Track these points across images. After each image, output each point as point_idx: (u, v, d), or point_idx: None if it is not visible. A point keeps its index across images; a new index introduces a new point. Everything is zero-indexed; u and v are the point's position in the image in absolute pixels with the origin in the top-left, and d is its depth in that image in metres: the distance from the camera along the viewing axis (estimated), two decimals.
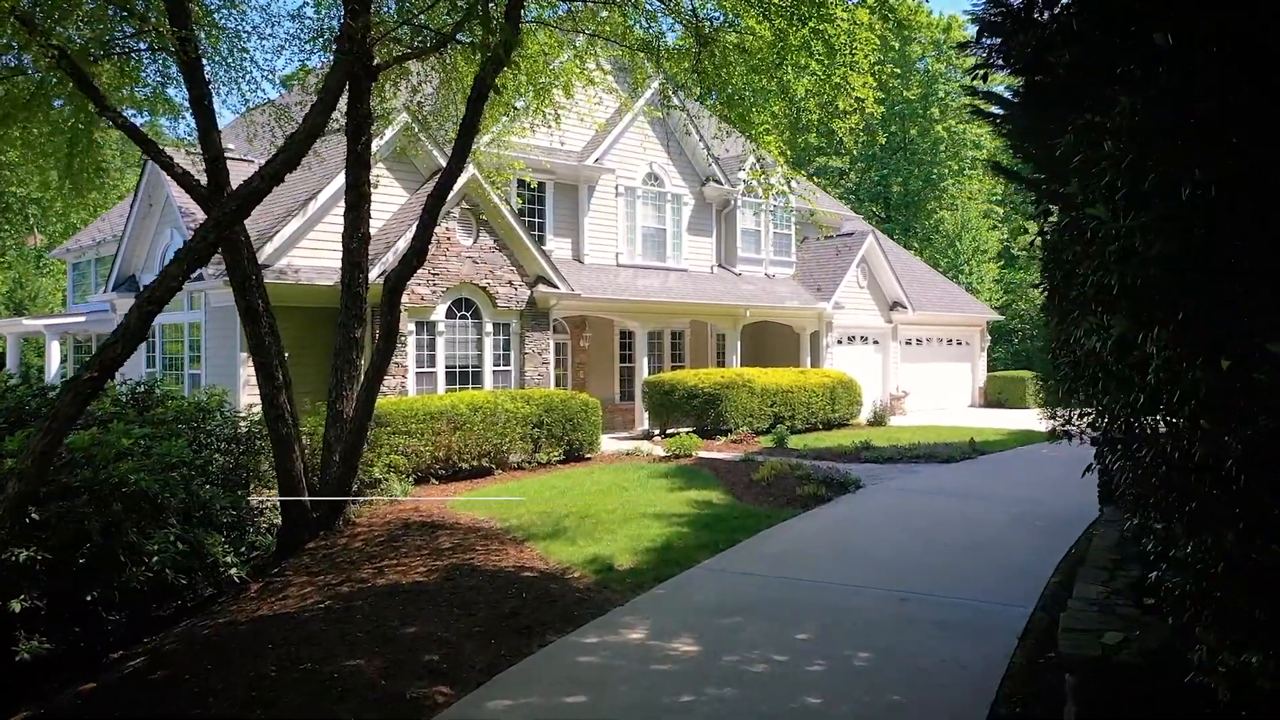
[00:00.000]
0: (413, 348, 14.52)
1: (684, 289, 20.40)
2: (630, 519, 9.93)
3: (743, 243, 22.99)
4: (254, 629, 6.96)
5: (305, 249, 14.05)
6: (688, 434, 16.57)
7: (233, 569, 8.19)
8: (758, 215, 23.16)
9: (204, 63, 10.35)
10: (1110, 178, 2.78)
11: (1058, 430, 4.70)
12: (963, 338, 28.97)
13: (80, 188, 9.91)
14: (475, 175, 14.62)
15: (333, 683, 5.58)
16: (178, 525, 7.96)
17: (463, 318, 15.30)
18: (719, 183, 21.84)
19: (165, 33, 6.88)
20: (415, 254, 9.15)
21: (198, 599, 8.48)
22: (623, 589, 7.39)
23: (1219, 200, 2.45)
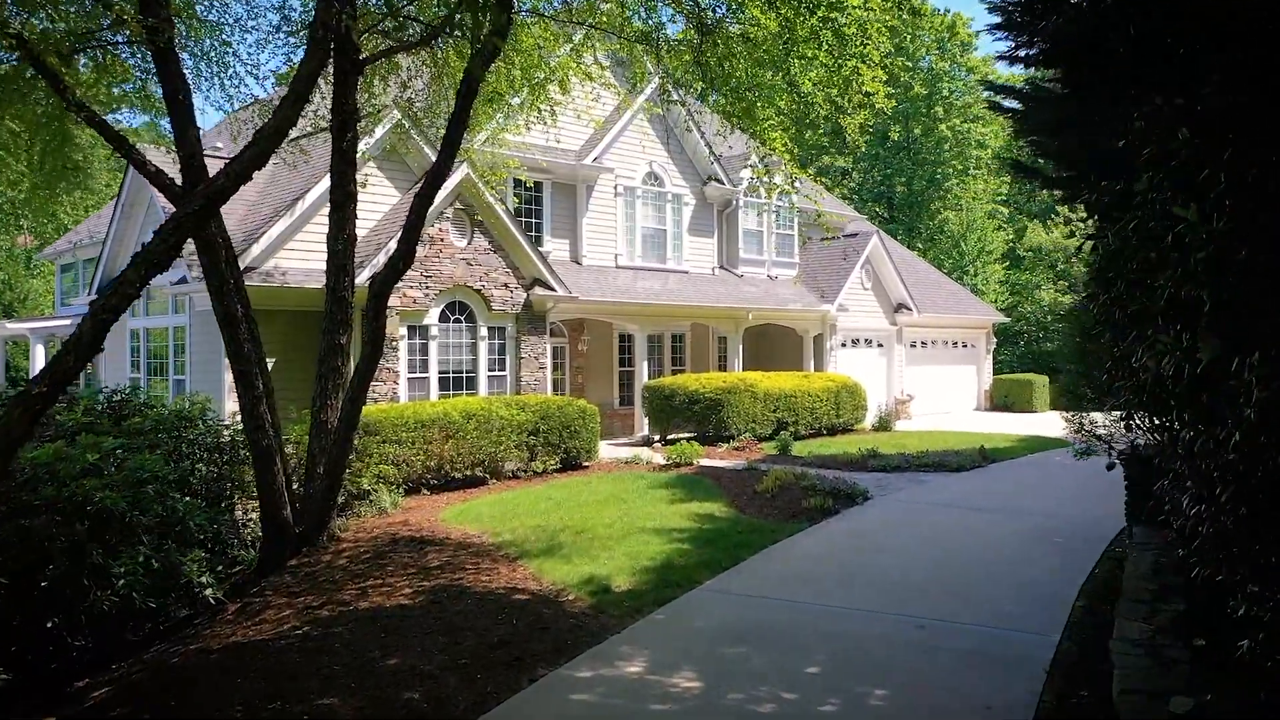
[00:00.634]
0: (404, 353, 14.07)
1: (685, 291, 19.94)
2: (629, 534, 9.48)
3: (745, 244, 22.52)
4: (225, 659, 6.52)
5: (294, 250, 13.60)
6: (688, 440, 16.12)
7: (208, 589, 7.76)
8: (760, 216, 22.68)
9: (184, 57, 9.93)
10: (1191, 173, 2.33)
11: (1110, 457, 4.23)
12: (968, 340, 28.48)
13: (52, 183, 9.45)
14: (469, 175, 14.18)
15: None
16: (150, 544, 7.52)
17: (456, 321, 14.84)
18: (721, 182, 21.38)
19: (130, 20, 6.41)
20: (401, 257, 8.71)
21: (173, 620, 8.06)
22: (620, 614, 6.94)
23: None
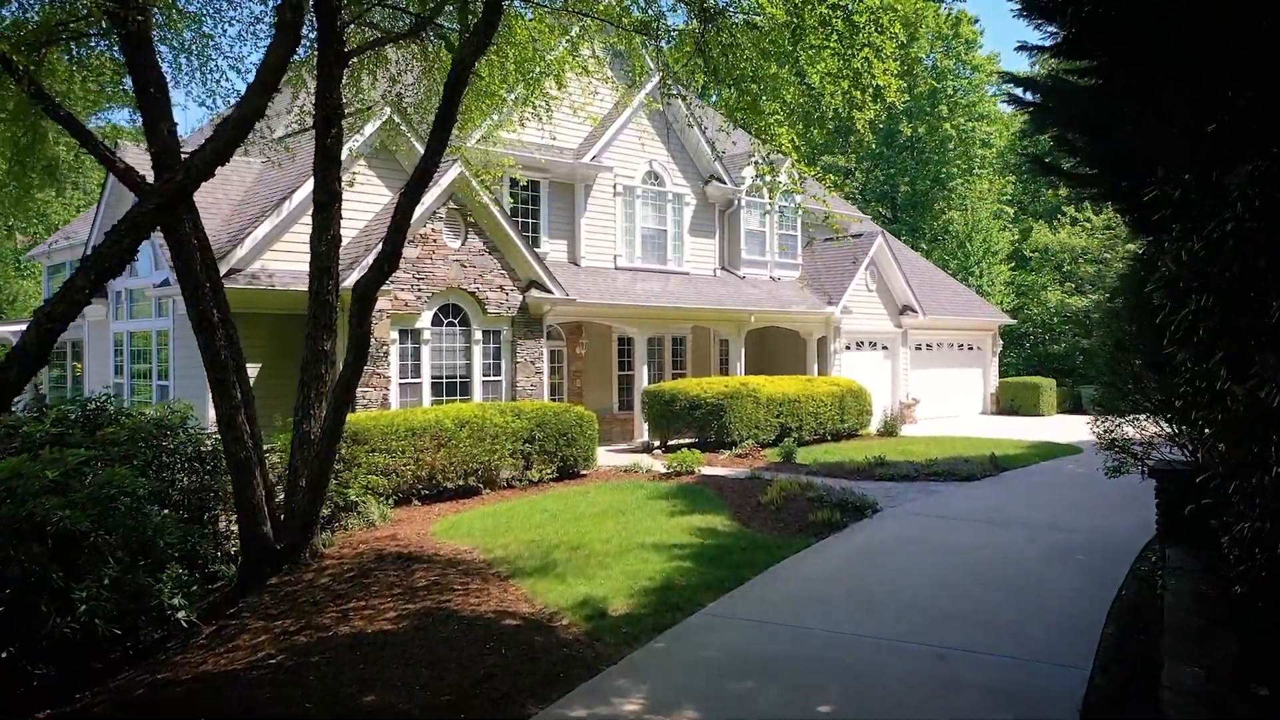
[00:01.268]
0: (396, 357, 13.60)
1: (685, 293, 19.46)
2: (627, 550, 9.01)
3: (747, 244, 22.04)
4: (191, 692, 6.06)
5: (281, 251, 13.13)
6: (689, 447, 15.65)
7: (180, 612, 7.30)
8: (763, 216, 22.20)
9: (164, 50, 9.47)
10: None
11: (1143, 475, 3.76)
12: (974, 342, 27.98)
13: (21, 178, 9.02)
14: (463, 174, 13.72)
15: None
16: (119, 564, 7.06)
17: (450, 325, 14.37)
18: (722, 181, 20.91)
19: (92, 3, 5.95)
20: (387, 258, 8.24)
21: (143, 645, 7.58)
22: (617, 641, 6.46)
23: None
